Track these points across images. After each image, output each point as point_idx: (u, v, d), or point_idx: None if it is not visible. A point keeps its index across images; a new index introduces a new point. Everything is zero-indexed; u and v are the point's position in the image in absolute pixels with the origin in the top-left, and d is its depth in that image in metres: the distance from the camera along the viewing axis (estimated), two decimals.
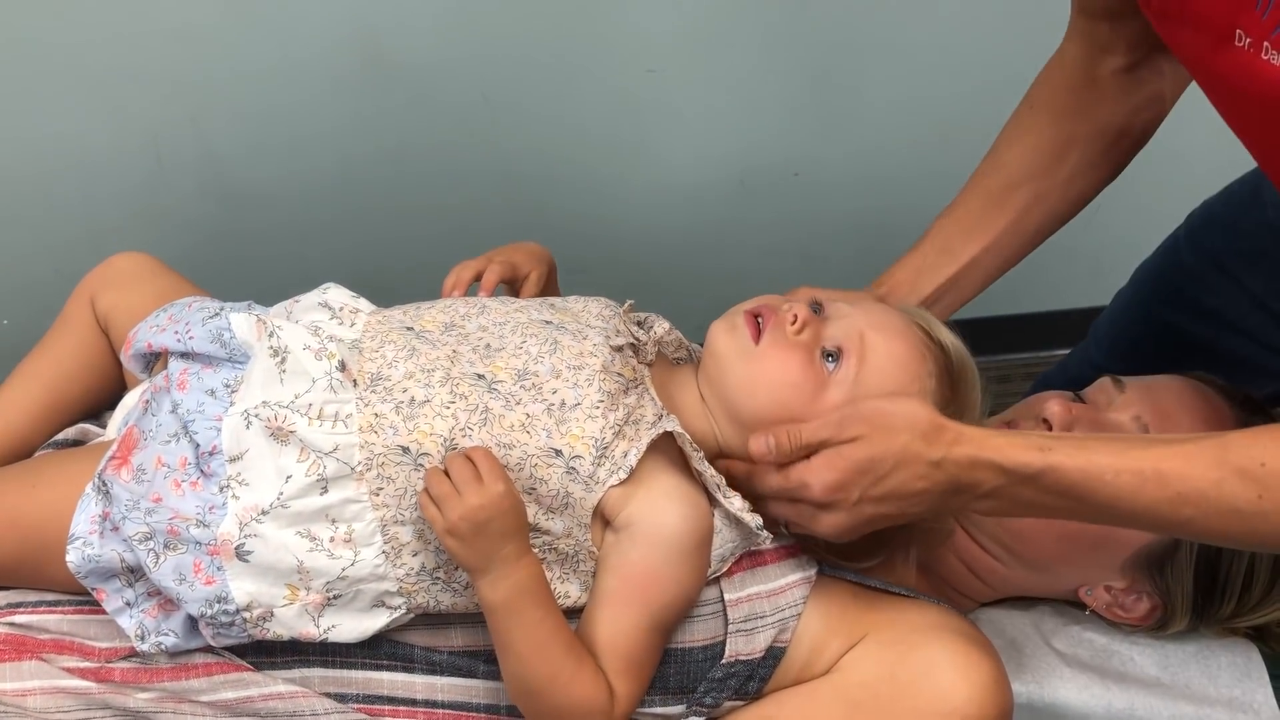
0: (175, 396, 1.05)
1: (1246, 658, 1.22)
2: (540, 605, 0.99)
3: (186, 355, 1.08)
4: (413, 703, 1.08)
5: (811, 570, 1.10)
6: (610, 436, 1.01)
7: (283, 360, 1.03)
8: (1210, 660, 1.22)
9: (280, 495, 1.00)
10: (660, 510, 1.01)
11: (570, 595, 1.04)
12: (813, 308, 1.07)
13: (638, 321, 1.13)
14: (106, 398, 1.26)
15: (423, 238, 1.93)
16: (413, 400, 1.02)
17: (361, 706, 1.08)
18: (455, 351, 1.05)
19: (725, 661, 1.07)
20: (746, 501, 1.04)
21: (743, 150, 1.97)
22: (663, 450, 1.04)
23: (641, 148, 1.94)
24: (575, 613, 1.05)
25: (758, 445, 1.01)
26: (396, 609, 1.04)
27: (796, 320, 1.04)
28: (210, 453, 1.01)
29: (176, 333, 1.09)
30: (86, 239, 1.79)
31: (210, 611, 1.01)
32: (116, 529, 1.03)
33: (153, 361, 1.15)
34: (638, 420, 1.04)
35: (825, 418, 1.01)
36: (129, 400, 1.19)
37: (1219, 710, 1.19)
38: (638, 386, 1.06)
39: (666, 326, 1.12)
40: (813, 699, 1.08)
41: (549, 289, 1.24)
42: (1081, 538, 1.16)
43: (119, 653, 1.09)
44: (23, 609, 1.11)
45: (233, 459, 1.00)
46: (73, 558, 1.04)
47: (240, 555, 1.00)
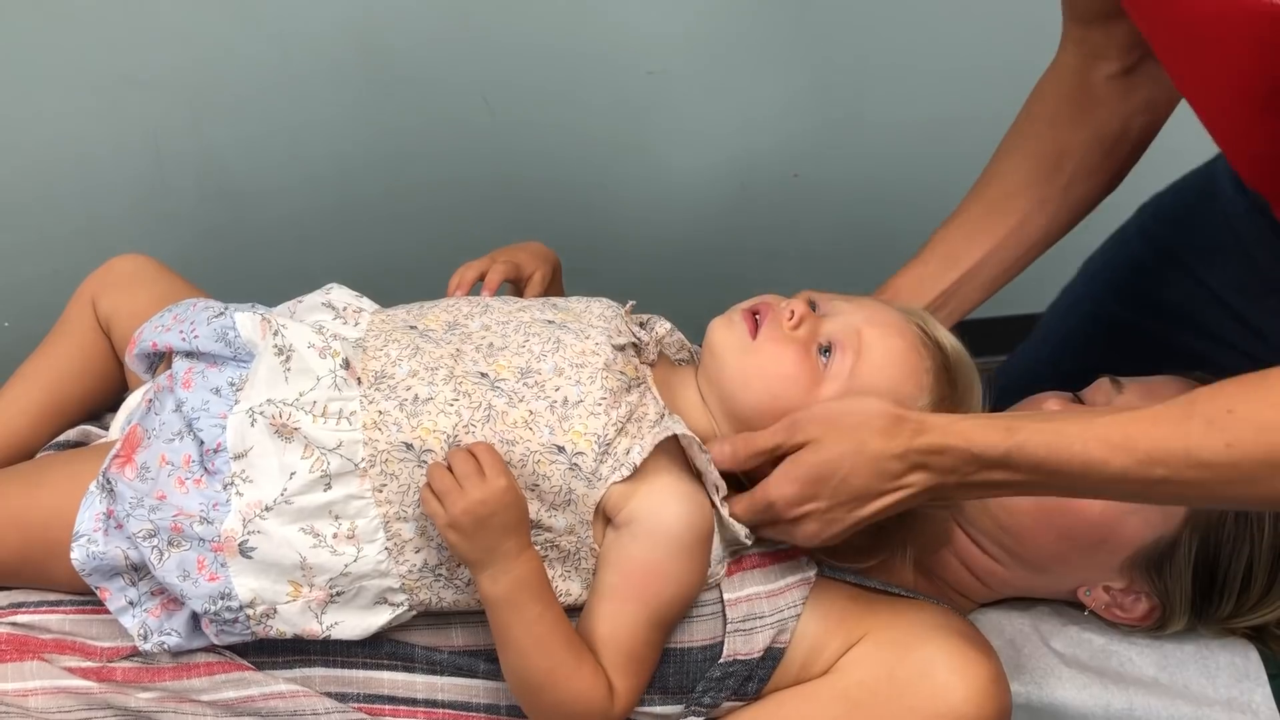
0: (180, 395, 1.05)
1: (1245, 658, 1.22)
2: (540, 600, 0.99)
3: (191, 354, 1.09)
4: (413, 702, 1.08)
5: (811, 572, 1.11)
6: (613, 433, 1.02)
7: (287, 359, 1.03)
8: (1209, 660, 1.22)
9: (284, 491, 1.00)
10: (662, 507, 1.02)
11: (572, 593, 1.05)
12: (811, 306, 1.08)
13: (640, 322, 1.13)
14: (107, 400, 1.26)
15: (423, 239, 1.93)
16: (416, 398, 1.02)
17: (362, 706, 1.08)
18: (459, 350, 1.05)
19: (724, 661, 1.07)
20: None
21: (743, 153, 1.98)
22: (665, 448, 1.04)
23: (642, 150, 1.94)
24: (577, 610, 1.05)
25: (717, 452, 1.03)
26: (399, 606, 1.04)
27: (794, 316, 1.05)
28: (214, 450, 1.02)
29: (181, 332, 1.09)
30: (87, 240, 1.79)
31: (214, 608, 1.01)
32: (121, 526, 1.03)
33: (156, 362, 1.15)
34: (640, 418, 1.04)
35: (775, 424, 1.02)
36: (131, 401, 1.19)
37: (1217, 710, 1.19)
38: (640, 385, 1.07)
39: (668, 327, 1.12)
40: (811, 699, 1.08)
41: (553, 289, 1.25)
42: (1080, 538, 1.16)
43: (120, 652, 1.09)
44: (25, 609, 1.11)
45: (237, 456, 1.01)
46: (77, 555, 1.04)
47: (244, 552, 1.00)
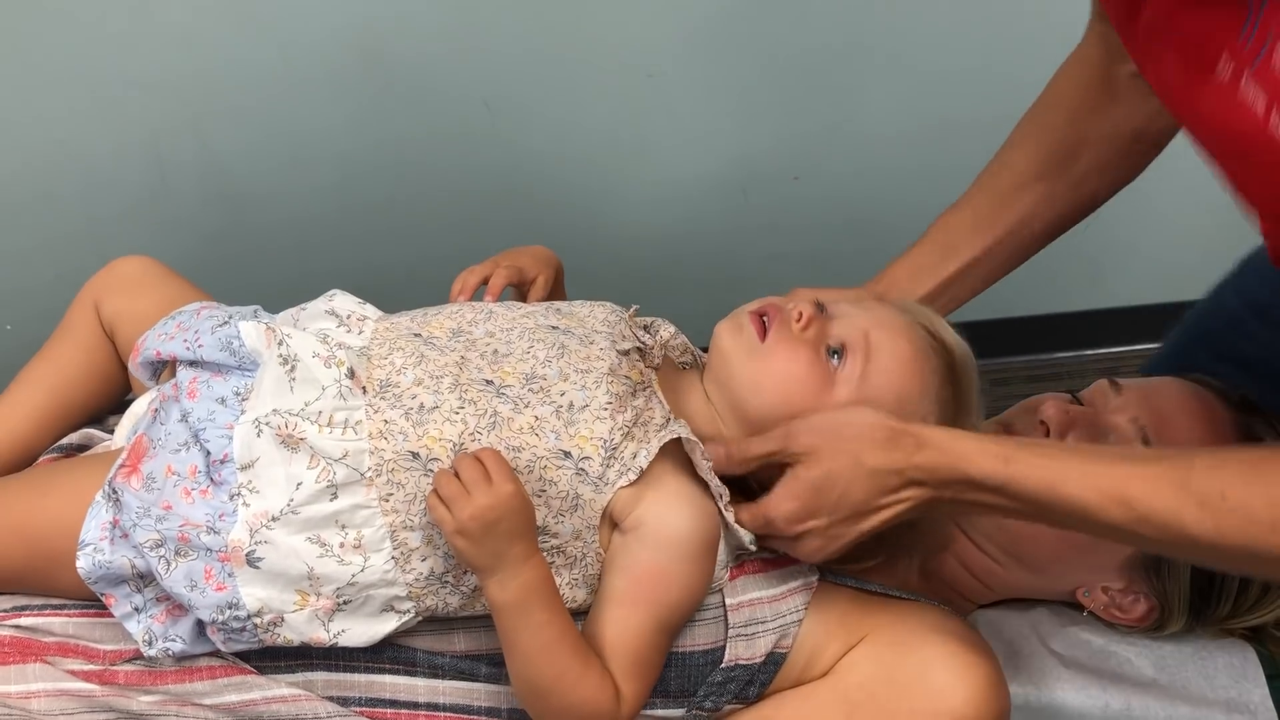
0: (185, 405, 1.05)
1: (1243, 658, 1.22)
2: (547, 606, 0.99)
3: (195, 363, 1.09)
4: (414, 705, 1.08)
5: (813, 577, 1.11)
6: (619, 438, 1.02)
7: (292, 368, 1.03)
8: (1207, 661, 1.22)
9: (290, 502, 1.00)
10: (669, 512, 1.02)
11: (577, 598, 1.05)
12: (816, 307, 1.08)
13: (644, 326, 1.13)
14: (110, 402, 1.27)
15: (425, 242, 1.93)
16: (422, 406, 1.02)
17: (364, 709, 1.08)
18: (463, 358, 1.05)
19: (725, 666, 1.07)
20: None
21: (743, 154, 1.98)
22: (671, 453, 1.04)
23: (642, 152, 1.94)
24: (582, 615, 1.05)
25: (714, 455, 1.03)
26: (405, 613, 1.04)
27: (802, 318, 1.05)
28: (221, 461, 1.02)
29: (185, 341, 1.09)
30: (89, 243, 1.79)
31: (221, 618, 1.01)
32: (127, 536, 1.03)
33: (160, 369, 1.15)
34: (646, 422, 1.04)
35: (773, 431, 1.02)
36: (138, 408, 1.19)
37: (1216, 711, 1.20)
38: (645, 390, 1.07)
39: (672, 330, 1.13)
40: (811, 700, 1.08)
41: (556, 292, 1.25)
42: (1079, 539, 1.16)
43: (123, 655, 1.10)
44: (28, 612, 1.11)
45: (243, 467, 1.01)
46: (83, 563, 1.04)
47: (251, 562, 1.00)
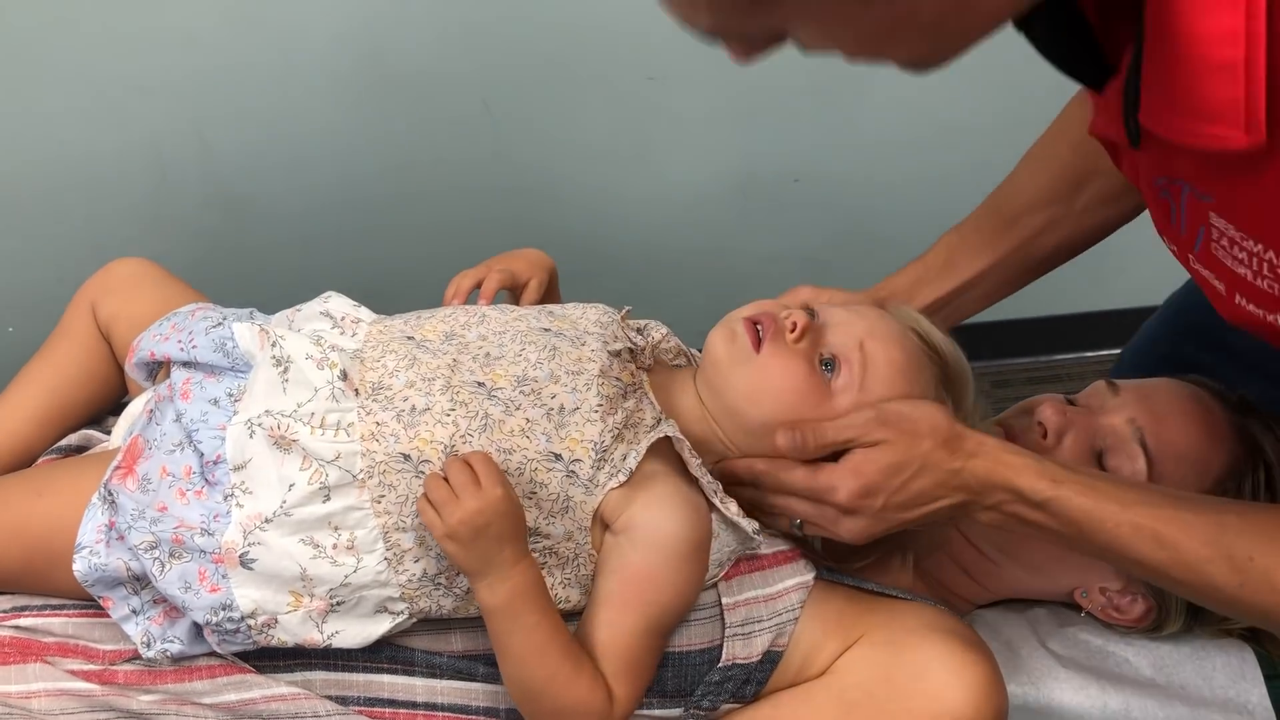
0: (179, 406, 1.06)
1: (1241, 658, 1.22)
2: (538, 608, 0.99)
3: (189, 364, 1.09)
4: (413, 705, 1.08)
5: (809, 575, 1.11)
6: (609, 440, 1.02)
7: (285, 370, 1.04)
8: (1205, 661, 1.22)
9: (283, 503, 1.00)
10: (660, 513, 1.02)
11: (570, 599, 1.05)
12: (809, 314, 1.08)
13: (636, 329, 1.14)
14: (108, 403, 1.27)
15: (424, 244, 1.93)
16: (414, 408, 1.02)
17: (362, 709, 1.08)
18: (456, 360, 1.06)
19: (723, 665, 1.08)
20: (741, 509, 1.05)
21: (743, 157, 1.98)
22: (663, 454, 1.04)
23: (642, 155, 1.94)
24: (576, 616, 1.05)
25: (783, 439, 1.03)
26: (399, 614, 1.04)
27: (796, 328, 1.05)
28: (214, 462, 1.02)
29: (180, 342, 1.10)
30: (90, 246, 1.80)
31: (215, 619, 1.02)
32: (122, 538, 1.04)
33: (156, 370, 1.16)
34: (636, 424, 1.04)
35: (849, 418, 1.03)
36: (134, 408, 1.19)
37: (1214, 711, 1.20)
38: (636, 391, 1.07)
39: (664, 331, 1.13)
40: (808, 700, 1.08)
41: (550, 295, 1.25)
42: None
43: (123, 655, 1.10)
44: (28, 612, 1.12)
45: (236, 468, 1.01)
46: (79, 566, 1.05)
47: (244, 563, 1.00)
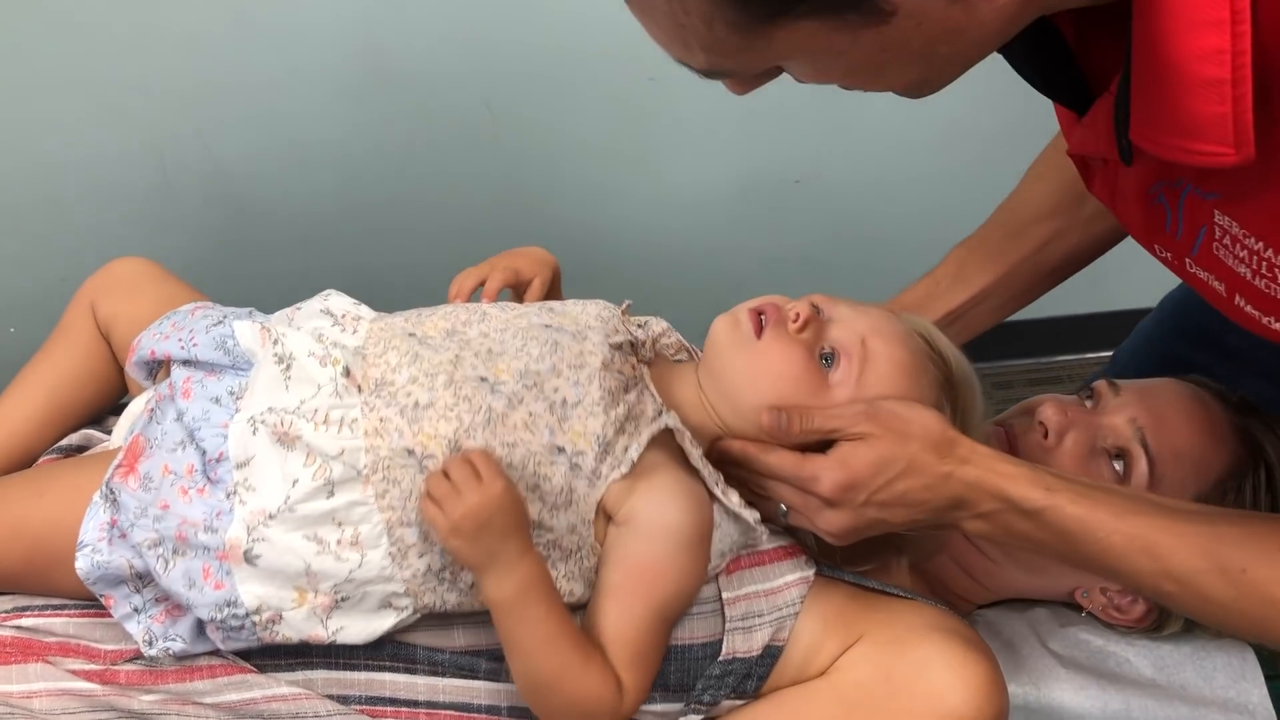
0: (180, 405, 1.06)
1: (1241, 659, 1.22)
2: (545, 600, 0.99)
3: (190, 363, 1.09)
4: (414, 704, 1.08)
5: (809, 571, 1.11)
6: (612, 433, 1.02)
7: (288, 367, 1.04)
8: (1206, 661, 1.22)
9: (287, 499, 1.00)
10: (662, 503, 1.02)
11: (575, 592, 1.05)
12: (815, 310, 1.08)
13: (638, 325, 1.14)
14: (109, 403, 1.27)
15: (425, 245, 1.94)
16: (417, 404, 1.02)
17: (364, 708, 1.08)
18: (458, 356, 1.06)
19: (723, 659, 1.08)
20: (743, 499, 1.06)
21: (744, 158, 1.98)
22: (664, 445, 1.05)
23: (643, 156, 1.94)
24: (581, 609, 1.05)
25: (770, 417, 1.03)
26: (404, 610, 1.04)
27: (799, 319, 1.06)
28: (217, 459, 1.02)
29: (180, 340, 1.10)
30: (92, 247, 1.79)
31: (220, 615, 1.02)
32: (125, 536, 1.04)
33: (156, 369, 1.16)
34: (638, 416, 1.05)
35: (839, 408, 1.03)
36: (134, 408, 1.19)
37: (1214, 711, 1.20)
38: (637, 384, 1.08)
39: (664, 325, 1.14)
40: (809, 699, 1.08)
41: (552, 294, 1.25)
42: None
43: (124, 655, 1.10)
44: (29, 612, 1.12)
45: (239, 465, 1.01)
46: (82, 564, 1.05)
47: (248, 559, 1.00)
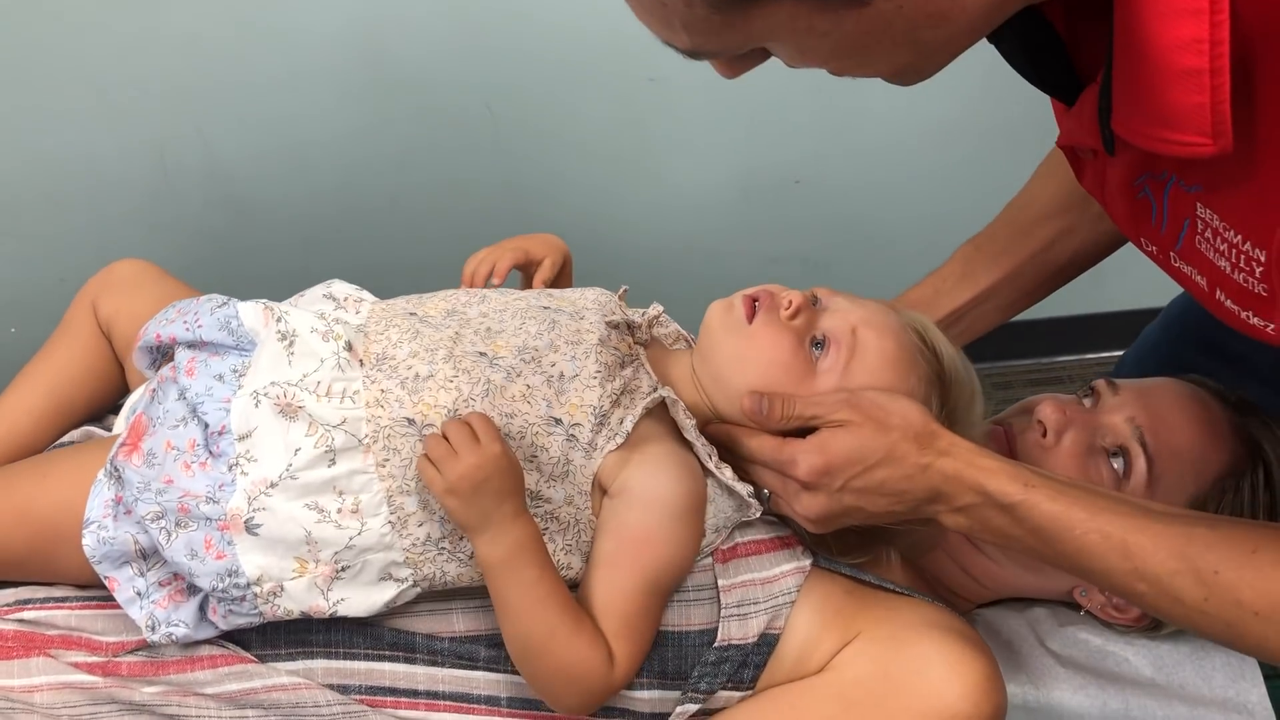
0: (183, 382, 1.07)
1: (1240, 658, 1.22)
2: (537, 564, 1.01)
3: (193, 345, 1.10)
4: (414, 694, 1.09)
5: (805, 561, 1.12)
6: (608, 405, 1.04)
7: (290, 343, 1.05)
8: (1205, 661, 1.22)
9: (289, 467, 1.01)
10: (655, 474, 1.04)
11: (573, 566, 1.06)
12: (811, 300, 1.09)
13: (635, 312, 1.15)
14: (109, 402, 1.27)
15: (425, 245, 1.94)
16: (417, 376, 1.04)
17: (363, 698, 1.09)
18: (458, 333, 1.08)
19: (719, 645, 1.08)
20: (736, 474, 1.07)
21: (744, 158, 1.99)
22: (658, 419, 1.07)
23: (643, 156, 1.95)
24: (577, 586, 1.06)
25: (750, 401, 1.04)
26: (404, 581, 1.05)
27: (790, 306, 1.07)
28: (219, 433, 1.03)
29: (186, 323, 1.11)
30: (93, 248, 1.80)
31: (221, 585, 1.03)
32: (129, 512, 1.05)
33: (159, 360, 1.16)
34: (633, 390, 1.07)
35: (820, 395, 1.04)
36: (134, 397, 1.20)
37: (1213, 711, 1.20)
38: (634, 361, 1.10)
39: (660, 309, 1.15)
40: (806, 696, 1.08)
41: (563, 279, 1.27)
42: None
43: (126, 646, 1.11)
44: (30, 605, 1.12)
45: (241, 437, 1.02)
46: (89, 541, 1.06)
47: (249, 529, 1.01)
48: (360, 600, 1.05)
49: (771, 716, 1.09)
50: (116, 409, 1.26)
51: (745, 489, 1.07)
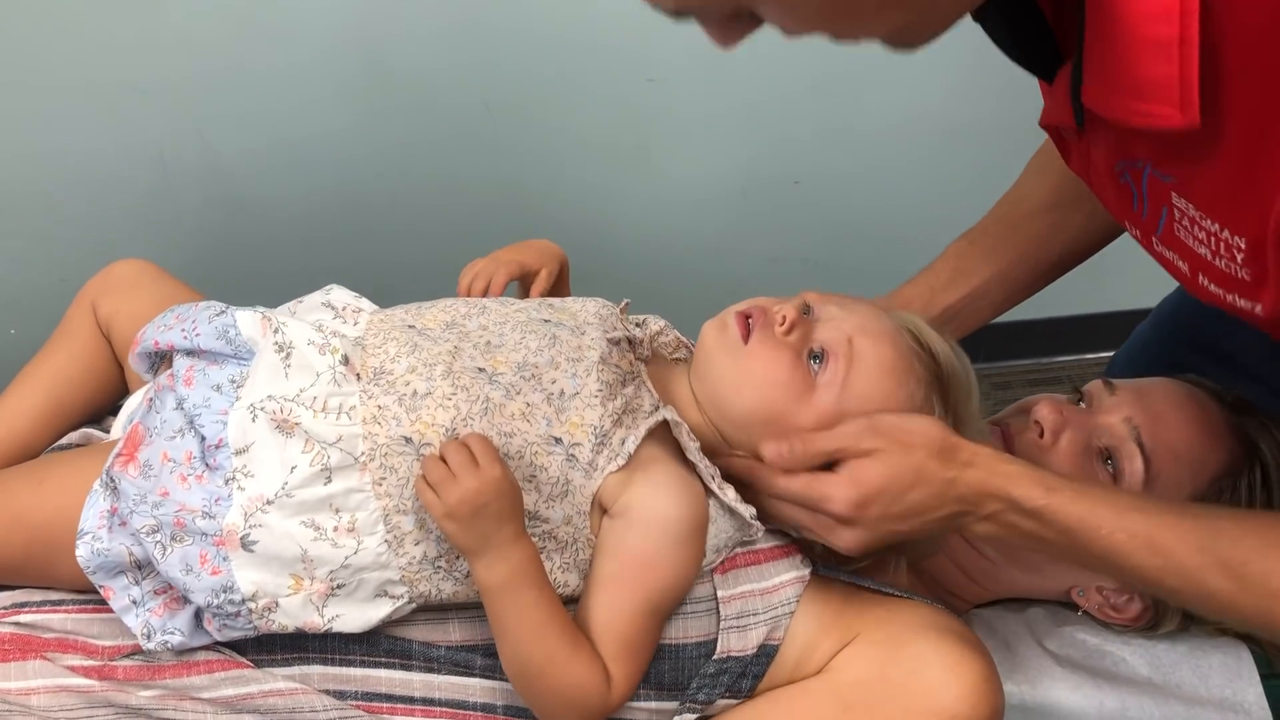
0: (181, 392, 1.06)
1: (1237, 657, 1.22)
2: (536, 587, 1.00)
3: (192, 353, 1.10)
4: (410, 700, 1.09)
5: (805, 570, 1.11)
6: (609, 424, 1.03)
7: (287, 355, 1.04)
8: (1201, 660, 1.22)
9: (285, 485, 1.01)
10: (657, 496, 1.03)
11: (569, 584, 1.05)
12: (803, 310, 1.08)
13: (636, 324, 1.14)
14: (108, 403, 1.27)
15: (425, 245, 1.94)
16: (415, 393, 1.03)
17: (360, 704, 1.09)
18: (457, 347, 1.07)
19: (718, 658, 1.08)
20: (739, 494, 1.06)
21: (744, 159, 1.98)
22: (660, 439, 1.05)
23: (642, 157, 1.95)
24: (574, 603, 1.06)
25: (771, 450, 1.03)
26: (399, 598, 1.05)
27: (785, 321, 1.06)
28: (216, 446, 1.03)
29: (183, 330, 1.10)
30: (92, 248, 1.81)
31: (216, 601, 1.02)
32: (124, 523, 1.04)
33: (157, 363, 1.16)
34: (635, 409, 1.05)
35: (841, 427, 1.03)
36: (132, 402, 1.20)
37: (1210, 710, 1.20)
38: (635, 379, 1.08)
39: (662, 324, 1.14)
40: (804, 698, 1.08)
41: (560, 287, 1.26)
42: None
43: (122, 650, 1.10)
44: (27, 609, 1.12)
45: (238, 451, 1.02)
46: (82, 552, 1.05)
47: (245, 545, 1.01)
48: (355, 617, 1.04)
49: (769, 718, 1.09)
50: (116, 410, 1.25)
51: (748, 510, 1.06)
